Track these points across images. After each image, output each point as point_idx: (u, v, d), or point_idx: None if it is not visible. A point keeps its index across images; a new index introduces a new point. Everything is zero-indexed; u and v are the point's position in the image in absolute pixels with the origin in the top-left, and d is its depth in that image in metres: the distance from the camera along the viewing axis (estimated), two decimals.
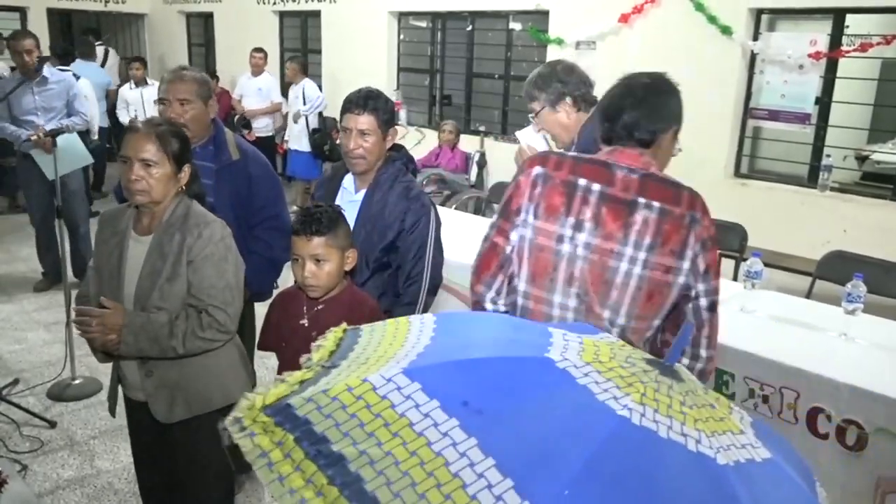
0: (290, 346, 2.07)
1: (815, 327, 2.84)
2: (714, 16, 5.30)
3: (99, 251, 2.07)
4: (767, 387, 2.50)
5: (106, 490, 2.97)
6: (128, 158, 1.91)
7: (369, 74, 7.82)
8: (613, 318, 1.72)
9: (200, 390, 2.04)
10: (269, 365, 3.30)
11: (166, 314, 1.92)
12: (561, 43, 6.32)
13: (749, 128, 5.53)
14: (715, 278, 1.77)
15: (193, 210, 2.01)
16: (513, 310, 1.82)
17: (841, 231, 4.80)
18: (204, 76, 2.67)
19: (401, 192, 2.31)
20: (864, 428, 2.28)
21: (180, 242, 1.93)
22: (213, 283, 1.94)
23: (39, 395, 3.72)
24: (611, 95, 1.83)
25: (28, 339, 4.42)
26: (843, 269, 3.42)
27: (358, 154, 2.28)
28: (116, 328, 1.88)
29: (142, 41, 11.94)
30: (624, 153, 1.76)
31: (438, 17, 7.72)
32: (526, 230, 1.76)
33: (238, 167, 2.61)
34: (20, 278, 5.48)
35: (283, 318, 2.12)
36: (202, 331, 1.92)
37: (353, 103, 2.27)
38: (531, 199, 1.76)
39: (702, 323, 1.78)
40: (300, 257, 1.98)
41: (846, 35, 4.95)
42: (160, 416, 2.02)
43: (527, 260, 1.77)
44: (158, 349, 1.91)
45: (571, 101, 2.50)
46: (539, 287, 1.76)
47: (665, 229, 1.68)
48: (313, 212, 2.00)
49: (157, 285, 1.93)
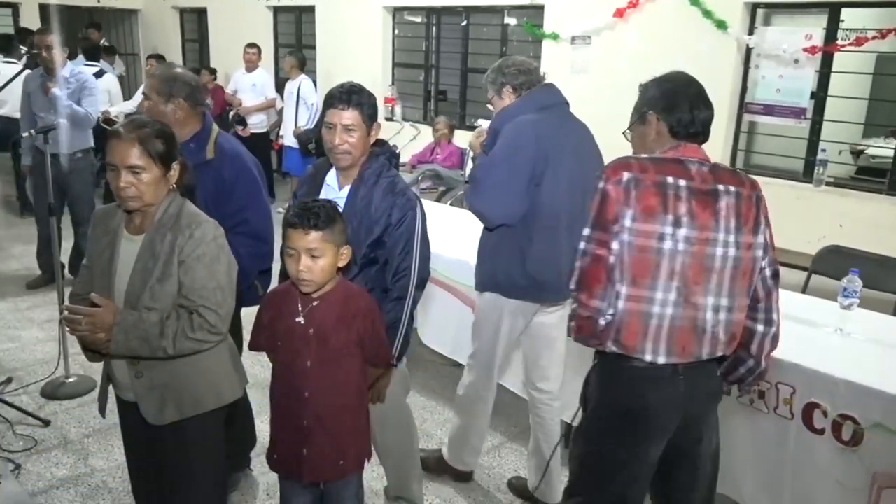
0: (286, 345, 2.06)
1: (811, 322, 2.83)
2: (709, 10, 5.30)
3: (91, 249, 2.06)
4: (763, 382, 2.50)
5: (100, 489, 2.96)
6: (115, 166, 1.88)
7: (364, 70, 7.81)
8: (717, 302, 1.85)
9: (192, 392, 2.01)
10: (265, 362, 3.28)
11: (157, 314, 1.90)
12: (556, 38, 6.31)
13: (744, 122, 5.53)
14: (773, 248, 1.97)
15: (186, 209, 1.99)
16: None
17: (836, 226, 4.80)
18: (173, 73, 2.61)
19: (386, 187, 2.30)
20: (861, 423, 2.28)
21: (172, 242, 1.91)
22: (205, 283, 1.92)
23: (33, 393, 3.70)
24: (685, 93, 1.94)
25: (21, 337, 4.40)
26: (838, 264, 3.42)
27: (343, 150, 2.26)
28: (106, 326, 1.86)
29: (135, 37, 11.88)
30: (688, 148, 1.91)
31: (433, 12, 7.69)
32: (623, 235, 1.80)
33: (211, 167, 2.55)
34: (13, 276, 5.45)
35: (276, 318, 2.08)
36: (193, 332, 1.90)
37: (337, 98, 2.24)
38: (627, 203, 1.80)
39: (770, 290, 1.95)
40: (295, 251, 1.95)
41: (841, 29, 4.95)
42: (150, 418, 2.00)
43: (627, 263, 1.81)
44: (149, 349, 1.89)
45: (511, 90, 2.76)
46: (640, 287, 1.81)
47: (742, 210, 1.85)
48: (311, 206, 1.97)
49: (147, 285, 1.91)
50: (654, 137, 1.95)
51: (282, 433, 2.13)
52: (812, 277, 3.77)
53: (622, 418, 1.92)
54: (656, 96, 1.95)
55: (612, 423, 1.95)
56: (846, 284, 2.80)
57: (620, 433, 1.93)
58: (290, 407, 2.07)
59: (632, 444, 1.93)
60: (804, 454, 2.43)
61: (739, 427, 2.59)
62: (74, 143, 4.88)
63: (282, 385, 2.11)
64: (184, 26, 11.29)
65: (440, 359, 3.94)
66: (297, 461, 2.09)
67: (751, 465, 2.58)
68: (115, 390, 2.11)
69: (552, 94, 2.74)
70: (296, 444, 2.08)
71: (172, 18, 11.23)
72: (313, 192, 2.40)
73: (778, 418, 2.48)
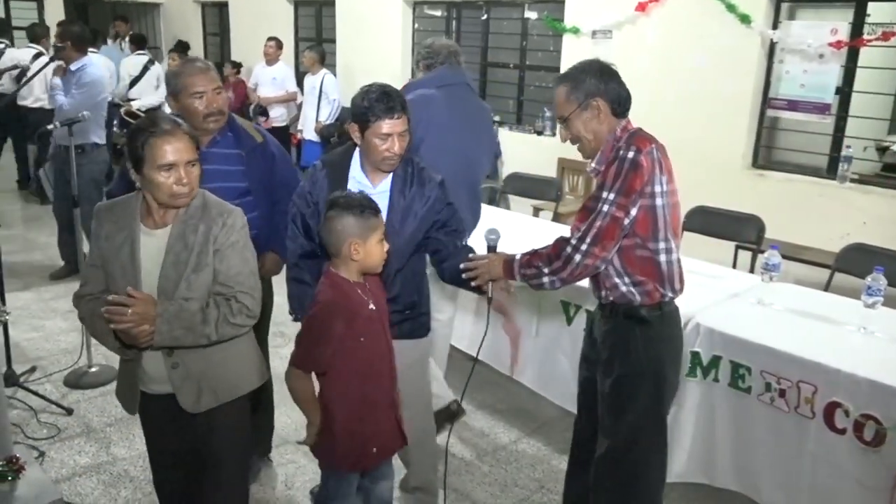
0: (368, 338, 2.11)
1: (834, 321, 2.80)
2: (733, 4, 5.22)
3: (103, 247, 2.00)
4: (784, 381, 2.48)
5: (122, 477, 3.00)
6: (172, 165, 1.88)
7: (384, 64, 7.81)
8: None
9: (226, 377, 2.06)
10: (282, 354, 3.31)
11: (196, 303, 1.93)
12: (577, 32, 6.27)
13: (767, 118, 5.46)
14: None
15: (209, 199, 2.02)
16: (654, 266, 2.15)
17: (860, 223, 4.73)
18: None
19: (419, 180, 2.39)
20: (883, 423, 2.26)
21: (206, 232, 1.95)
22: (240, 269, 1.98)
23: (56, 382, 3.76)
24: (618, 80, 2.20)
25: (45, 327, 4.47)
26: (862, 262, 3.38)
27: (399, 156, 2.31)
28: (150, 318, 1.86)
29: (157, 30, 11.98)
30: (629, 122, 2.21)
31: (453, 6, 7.67)
32: (661, 198, 2.10)
33: (263, 148, 2.72)
34: (37, 266, 5.53)
35: (351, 319, 2.07)
36: (233, 317, 1.94)
37: (387, 109, 2.23)
38: (661, 170, 2.09)
39: None
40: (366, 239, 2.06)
41: (867, 24, 4.86)
42: (188, 407, 2.02)
43: (668, 221, 2.13)
44: (192, 337, 1.91)
45: (423, 67, 3.24)
46: (675, 237, 2.19)
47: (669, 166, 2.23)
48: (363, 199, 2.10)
49: (183, 276, 1.93)
50: (599, 121, 2.16)
51: (372, 426, 2.13)
52: (835, 275, 3.73)
53: (675, 342, 2.28)
54: (594, 83, 2.15)
55: (672, 356, 2.27)
56: (870, 283, 2.76)
57: (675, 361, 2.30)
58: (374, 398, 2.12)
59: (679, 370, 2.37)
60: (824, 454, 2.41)
61: (758, 425, 2.57)
62: (77, 137, 4.87)
63: (360, 381, 2.10)
64: (205, 20, 11.36)
65: (453, 350, 3.94)
66: (380, 447, 2.17)
67: (769, 464, 2.56)
68: (141, 384, 2.10)
69: (454, 75, 3.18)
70: (381, 436, 2.16)
71: (194, 12, 11.30)
72: (338, 187, 2.40)
73: (799, 417, 2.45)
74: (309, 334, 2.09)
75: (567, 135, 2.23)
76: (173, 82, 2.56)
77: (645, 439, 2.26)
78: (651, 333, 2.20)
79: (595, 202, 2.10)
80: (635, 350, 2.20)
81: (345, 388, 2.10)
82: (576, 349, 3.17)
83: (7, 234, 6.17)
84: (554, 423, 3.52)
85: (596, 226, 2.09)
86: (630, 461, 2.27)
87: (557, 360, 3.30)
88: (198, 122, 2.47)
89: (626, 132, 2.16)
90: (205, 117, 2.51)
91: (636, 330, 2.20)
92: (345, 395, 2.10)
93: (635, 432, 2.24)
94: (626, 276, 2.17)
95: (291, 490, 2.97)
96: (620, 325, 2.22)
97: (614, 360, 2.24)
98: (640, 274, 2.16)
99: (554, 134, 6.70)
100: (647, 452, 2.28)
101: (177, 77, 2.56)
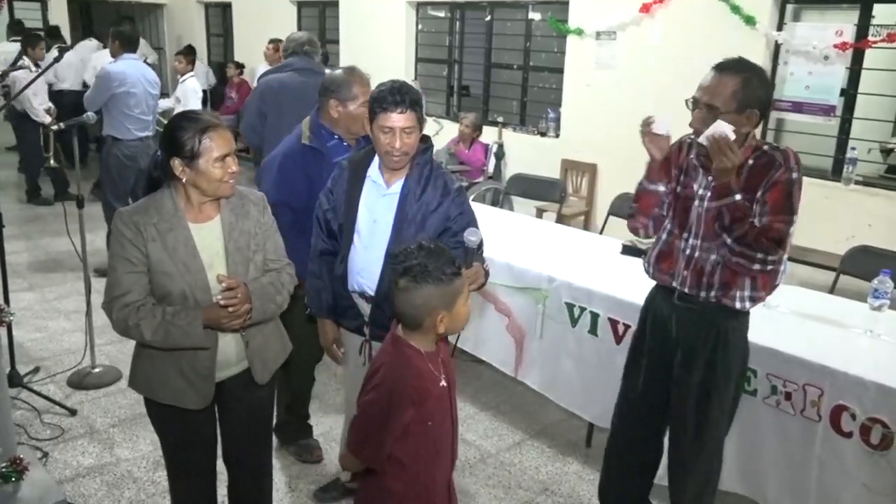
0: (437, 418, 1.79)
1: (840, 323, 2.79)
2: (738, 5, 5.22)
3: (149, 249, 1.95)
4: (790, 384, 2.47)
5: (125, 478, 3.00)
6: (226, 156, 1.97)
7: (387, 65, 7.80)
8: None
9: (274, 348, 2.24)
10: None
11: (265, 278, 2.10)
12: (581, 33, 6.26)
13: (772, 120, 5.44)
14: None
15: (239, 188, 2.11)
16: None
17: (866, 225, 4.72)
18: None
19: (442, 189, 2.37)
20: (890, 427, 2.24)
21: (257, 217, 2.11)
22: (278, 244, 2.20)
23: (60, 382, 3.76)
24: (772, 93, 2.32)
25: (49, 327, 4.47)
26: (867, 264, 3.37)
27: (403, 152, 2.27)
28: (249, 298, 1.99)
29: (160, 31, 11.99)
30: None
31: (457, 7, 7.67)
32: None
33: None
34: (41, 267, 5.54)
35: (423, 398, 1.75)
36: (289, 286, 2.17)
37: (393, 102, 2.21)
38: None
39: None
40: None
41: (873, 25, 4.85)
42: (261, 378, 2.17)
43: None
44: (273, 308, 2.11)
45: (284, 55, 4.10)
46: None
47: None
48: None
49: (249, 259, 2.08)
50: (743, 128, 2.19)
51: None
52: (840, 278, 3.71)
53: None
54: (763, 94, 2.23)
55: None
56: (877, 285, 2.75)
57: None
58: (436, 481, 1.85)
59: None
60: (831, 457, 2.40)
61: (764, 428, 2.56)
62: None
63: (423, 469, 1.80)
64: (209, 20, 11.37)
65: (460, 353, 3.94)
66: None
67: (775, 467, 2.55)
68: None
69: (305, 64, 3.96)
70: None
71: (197, 12, 11.31)
72: (355, 186, 2.40)
73: (805, 420, 2.44)
74: (369, 420, 1.73)
75: (702, 121, 2.18)
76: (344, 90, 2.73)
77: (727, 423, 2.40)
78: (744, 327, 2.34)
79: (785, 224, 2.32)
80: (734, 340, 2.30)
81: (405, 477, 1.79)
82: (581, 351, 3.17)
83: (10, 234, 6.17)
84: (558, 425, 3.52)
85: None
86: (718, 440, 2.40)
87: (562, 361, 3.29)
88: (357, 129, 2.70)
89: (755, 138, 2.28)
90: (363, 124, 2.58)
91: (733, 322, 2.30)
92: (404, 484, 1.79)
93: (726, 416, 2.39)
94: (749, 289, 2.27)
95: (294, 492, 2.96)
96: (718, 319, 2.29)
97: (717, 350, 2.29)
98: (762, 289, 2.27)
99: (557, 135, 6.69)
100: (723, 435, 2.43)
101: (349, 86, 2.73)
